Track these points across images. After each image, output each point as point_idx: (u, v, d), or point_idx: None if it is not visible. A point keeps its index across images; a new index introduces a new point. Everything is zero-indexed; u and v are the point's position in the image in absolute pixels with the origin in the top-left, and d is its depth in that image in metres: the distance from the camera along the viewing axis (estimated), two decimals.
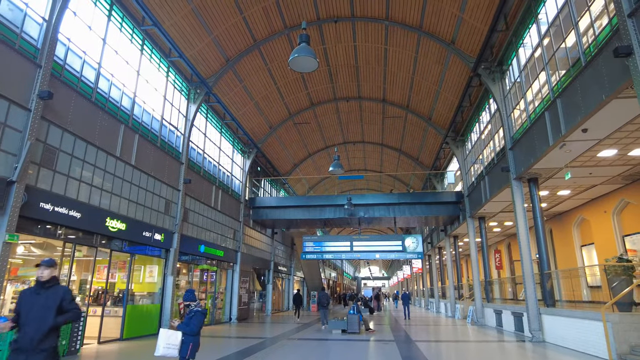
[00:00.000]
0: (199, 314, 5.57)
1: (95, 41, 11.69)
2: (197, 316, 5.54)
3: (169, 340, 5.32)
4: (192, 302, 5.70)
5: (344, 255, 23.68)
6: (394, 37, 17.85)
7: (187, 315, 5.59)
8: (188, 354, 5.38)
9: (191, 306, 5.68)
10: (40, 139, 9.43)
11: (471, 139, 19.81)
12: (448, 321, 20.88)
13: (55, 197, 9.73)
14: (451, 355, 10.12)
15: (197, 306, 5.66)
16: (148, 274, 14.71)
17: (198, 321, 5.51)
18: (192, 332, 5.45)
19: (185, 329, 5.45)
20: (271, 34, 17.47)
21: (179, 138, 16.26)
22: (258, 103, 21.61)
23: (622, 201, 15.15)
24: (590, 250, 17.77)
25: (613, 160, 12.04)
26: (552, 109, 10.53)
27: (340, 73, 21.59)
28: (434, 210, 22.57)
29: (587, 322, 9.84)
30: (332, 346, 11.47)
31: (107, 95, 12.14)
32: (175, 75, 16.26)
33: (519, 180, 13.45)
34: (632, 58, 6.93)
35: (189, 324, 5.48)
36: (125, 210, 12.57)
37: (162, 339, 5.31)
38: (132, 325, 12.79)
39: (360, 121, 27.01)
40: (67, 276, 10.36)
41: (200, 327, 5.54)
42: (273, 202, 24.37)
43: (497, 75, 14.57)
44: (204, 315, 5.65)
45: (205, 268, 18.49)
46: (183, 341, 5.38)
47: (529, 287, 12.75)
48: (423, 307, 37.49)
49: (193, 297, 5.76)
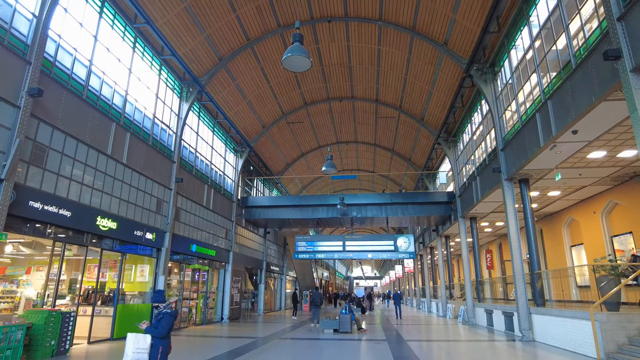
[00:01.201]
0: (167, 316, 5.33)
1: (86, 38, 11.57)
2: (165, 318, 5.30)
3: (138, 345, 5.13)
4: (161, 304, 5.47)
5: (336, 254, 23.70)
6: (388, 37, 17.90)
7: (156, 318, 5.37)
8: (158, 358, 5.18)
9: (160, 307, 5.46)
10: (30, 137, 9.32)
11: (463, 140, 19.94)
12: (439, 321, 21.00)
13: (45, 195, 9.62)
14: (442, 355, 10.18)
15: (166, 308, 5.44)
16: (139, 273, 14.60)
17: (167, 323, 5.28)
18: (160, 335, 5.23)
19: (153, 332, 5.23)
20: (264, 33, 17.43)
21: (171, 137, 16.15)
22: (251, 102, 21.55)
23: (610, 202, 15.35)
24: (579, 250, 17.99)
25: (602, 162, 12.20)
26: (543, 111, 10.64)
27: (333, 73, 21.61)
28: (426, 210, 22.69)
29: (576, 321, 9.96)
30: (324, 346, 11.48)
31: (99, 93, 12.02)
32: (168, 74, 16.15)
33: (510, 181, 13.57)
34: (621, 61, 7.02)
35: (157, 326, 5.26)
36: (117, 209, 12.46)
37: (131, 344, 5.12)
38: (122, 325, 12.68)
39: (353, 121, 27.06)
40: (56, 275, 10.24)
41: (169, 330, 5.31)
42: (266, 202, 24.32)
43: (489, 76, 14.69)
44: (174, 317, 5.42)
45: (197, 267, 18.40)
46: (152, 345, 5.18)
47: (520, 287, 12.87)
48: (415, 307, 37.66)
49: (162, 298, 5.54)
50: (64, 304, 11.14)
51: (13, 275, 10.90)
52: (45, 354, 9.02)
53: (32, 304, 10.39)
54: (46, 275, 10.16)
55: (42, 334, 8.97)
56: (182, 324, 16.55)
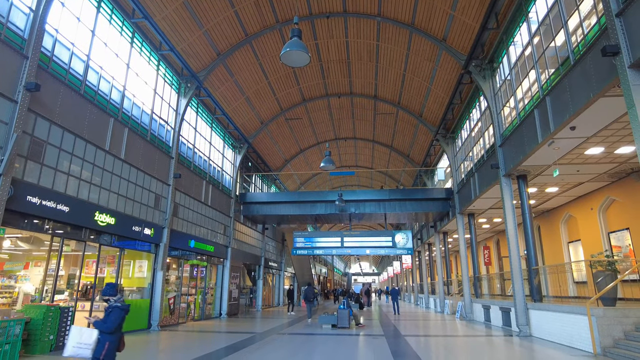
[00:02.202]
0: (117, 310, 4.98)
1: (84, 33, 11.51)
2: (115, 312, 4.96)
3: (81, 339, 4.79)
4: (111, 297, 5.12)
5: (334, 250, 23.74)
6: (386, 33, 17.86)
7: (106, 311, 5.04)
8: (103, 355, 4.83)
9: (110, 301, 5.10)
10: (27, 132, 9.29)
11: (461, 136, 19.96)
12: (437, 316, 21.09)
13: (43, 190, 9.60)
14: (440, 350, 10.24)
15: (117, 301, 5.09)
16: (137, 269, 14.62)
17: (116, 318, 4.93)
18: (108, 330, 4.89)
19: (101, 327, 4.90)
20: (263, 28, 17.37)
21: (169, 132, 16.12)
22: (249, 98, 21.51)
23: (607, 199, 15.41)
24: (576, 246, 18.06)
25: (600, 158, 12.23)
26: (541, 107, 10.65)
27: (332, 69, 21.57)
28: (424, 207, 22.72)
29: (572, 316, 10.02)
30: (322, 341, 11.52)
31: (96, 88, 11.98)
32: (166, 69, 16.10)
33: (508, 177, 13.60)
34: (619, 57, 7.03)
35: (106, 320, 4.92)
36: (115, 205, 12.45)
37: (73, 338, 4.80)
38: None
39: (351, 117, 27.04)
40: (54, 271, 10.24)
41: (117, 325, 4.96)
42: (264, 198, 24.32)
43: (488, 72, 14.68)
44: (124, 312, 5.07)
45: (195, 263, 18.42)
46: (99, 340, 4.86)
47: (517, 283, 12.94)
48: (412, 303, 37.80)
49: (113, 291, 5.18)
50: (62, 299, 11.14)
51: (11, 270, 10.90)
52: (44, 348, 9.03)
53: (30, 299, 10.40)
54: (44, 270, 10.16)
55: (41, 329, 8.98)
56: (180, 320, 16.59)
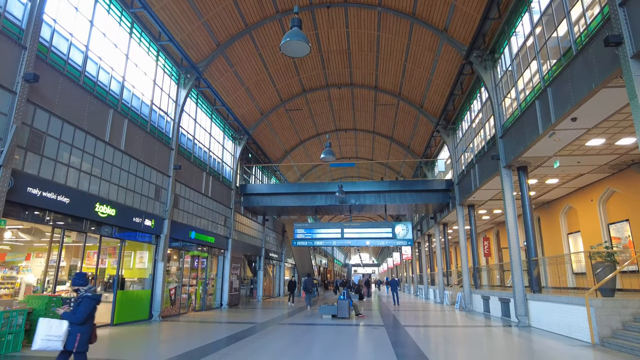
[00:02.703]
0: (87, 300, 4.84)
1: (82, 23, 11.42)
2: (85, 302, 4.82)
3: (50, 331, 4.65)
4: (81, 287, 4.98)
5: (334, 242, 23.83)
6: (387, 23, 17.71)
7: (75, 302, 4.92)
8: (75, 347, 4.71)
9: (80, 291, 4.96)
10: (27, 123, 9.26)
11: (462, 128, 19.90)
12: (437, 307, 21.23)
13: (43, 182, 9.60)
14: (439, 340, 10.32)
15: (88, 291, 4.95)
16: (138, 259, 14.68)
17: (86, 308, 4.81)
18: (78, 321, 4.76)
19: (70, 318, 4.76)
20: (263, 18, 17.22)
21: (169, 123, 16.08)
22: (249, 89, 21.41)
23: (608, 190, 15.41)
24: (576, 238, 18.12)
25: (600, 150, 12.21)
26: (543, 98, 10.60)
27: (332, 59, 21.43)
28: (424, 198, 22.75)
29: (571, 307, 10.08)
30: (322, 331, 11.61)
31: (95, 79, 11.92)
32: (165, 60, 16.00)
33: (508, 169, 13.59)
34: (622, 47, 6.98)
35: (75, 311, 4.80)
36: (115, 196, 12.46)
37: (41, 330, 4.64)
38: (122, 311, 12.80)
39: (352, 108, 26.94)
40: (56, 262, 10.28)
41: (88, 315, 4.82)
42: (264, 189, 24.33)
43: (489, 63, 14.59)
44: (95, 302, 4.93)
45: (196, 254, 18.50)
46: (70, 332, 4.73)
47: (517, 274, 12.99)
48: (412, 294, 38.03)
49: (84, 280, 5.05)
50: (64, 290, 11.21)
51: (13, 261, 10.96)
52: None
53: (32, 290, 10.47)
54: (46, 261, 10.21)
55: None
56: (181, 310, 16.70)
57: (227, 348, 8.73)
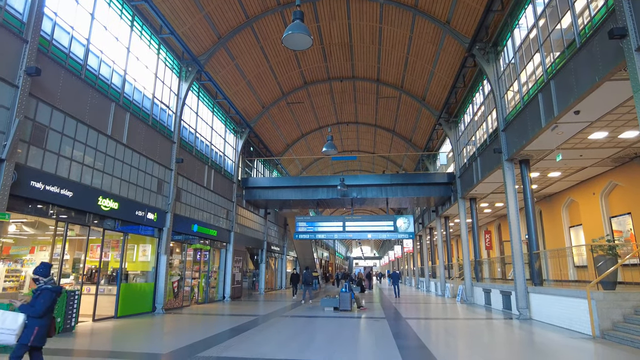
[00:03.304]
0: (47, 292, 4.62)
1: (83, 16, 11.37)
2: (44, 294, 4.61)
3: (4, 324, 4.41)
4: (42, 277, 4.75)
5: (336, 235, 23.90)
6: (389, 15, 17.59)
7: (34, 293, 4.69)
8: (31, 340, 4.51)
9: (40, 282, 4.73)
10: (29, 117, 9.27)
11: (464, 121, 19.84)
12: (438, 300, 21.34)
13: (46, 175, 9.64)
14: (440, 332, 10.39)
15: (47, 282, 4.73)
16: (141, 253, 14.76)
17: (45, 300, 4.58)
18: (36, 314, 4.54)
19: (27, 310, 4.54)
20: (264, 10, 17.12)
21: (170, 117, 16.07)
22: (250, 82, 21.34)
23: (610, 183, 15.39)
24: (578, 231, 18.13)
25: (603, 143, 12.17)
26: (546, 91, 10.55)
27: (334, 52, 21.32)
28: (426, 191, 22.75)
29: (572, 299, 10.12)
30: (325, 323, 11.70)
31: (97, 73, 11.90)
32: (167, 53, 15.95)
33: (510, 162, 13.57)
34: (627, 40, 6.93)
35: (34, 304, 4.57)
36: (118, 190, 12.50)
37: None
38: (126, 304, 12.90)
39: (354, 101, 26.85)
40: (60, 255, 10.36)
41: (47, 308, 4.60)
42: (266, 183, 24.37)
43: (492, 56, 14.51)
44: (56, 294, 4.71)
45: (198, 247, 18.58)
46: (27, 325, 4.52)
47: (518, 267, 13.03)
48: (413, 287, 38.19)
49: (46, 271, 4.80)
50: (68, 282, 11.30)
51: (17, 254, 11.04)
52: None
53: None
54: (50, 254, 10.27)
55: None
56: (184, 303, 16.82)
57: (231, 340, 8.80)
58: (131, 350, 7.81)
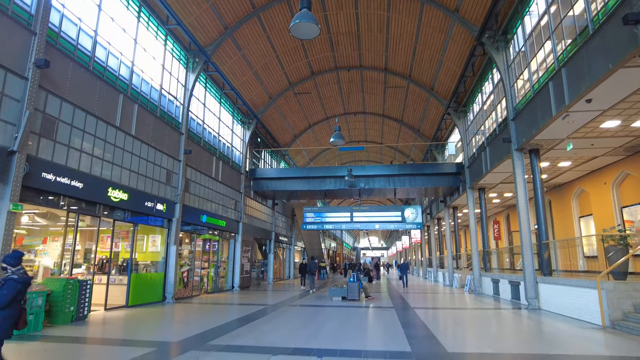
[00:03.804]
0: (12, 282, 4.37)
1: (90, 8, 11.38)
2: (9, 285, 4.35)
3: None
4: (10, 266, 4.52)
5: (344, 225, 23.93)
6: (397, 4, 17.35)
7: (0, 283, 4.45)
8: None
9: (7, 271, 4.48)
10: (39, 109, 9.35)
11: (473, 110, 19.63)
12: (446, 290, 21.35)
13: (57, 167, 9.74)
14: (448, 321, 10.41)
15: (15, 272, 4.49)
16: (151, 243, 14.93)
17: (9, 291, 4.34)
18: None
19: None
20: (271, 0, 16.98)
21: (178, 108, 16.11)
22: (257, 72, 21.27)
23: (622, 173, 15.17)
24: (588, 221, 17.95)
25: (616, 132, 11.97)
26: (557, 79, 10.38)
27: (341, 41, 21.14)
28: (434, 182, 22.65)
29: (582, 290, 10.06)
30: (333, 312, 11.78)
31: (105, 64, 11.93)
32: (174, 44, 15.93)
33: (520, 151, 13.43)
34: None
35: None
36: (127, 181, 12.61)
37: None
38: (137, 293, 13.09)
39: (361, 91, 26.67)
40: (71, 245, 10.51)
41: (11, 299, 4.35)
42: (273, 174, 24.41)
43: (502, 44, 14.28)
44: (22, 285, 4.46)
45: (207, 238, 18.74)
46: None
47: (527, 257, 12.97)
48: (421, 277, 38.23)
49: (15, 260, 4.57)
50: (80, 272, 11.49)
51: (30, 245, 11.24)
52: (66, 319, 9.38)
53: (50, 273, 10.74)
54: (62, 245, 10.44)
55: (62, 301, 9.31)
56: (194, 292, 17.03)
57: (240, 329, 8.91)
58: (143, 339, 7.95)
